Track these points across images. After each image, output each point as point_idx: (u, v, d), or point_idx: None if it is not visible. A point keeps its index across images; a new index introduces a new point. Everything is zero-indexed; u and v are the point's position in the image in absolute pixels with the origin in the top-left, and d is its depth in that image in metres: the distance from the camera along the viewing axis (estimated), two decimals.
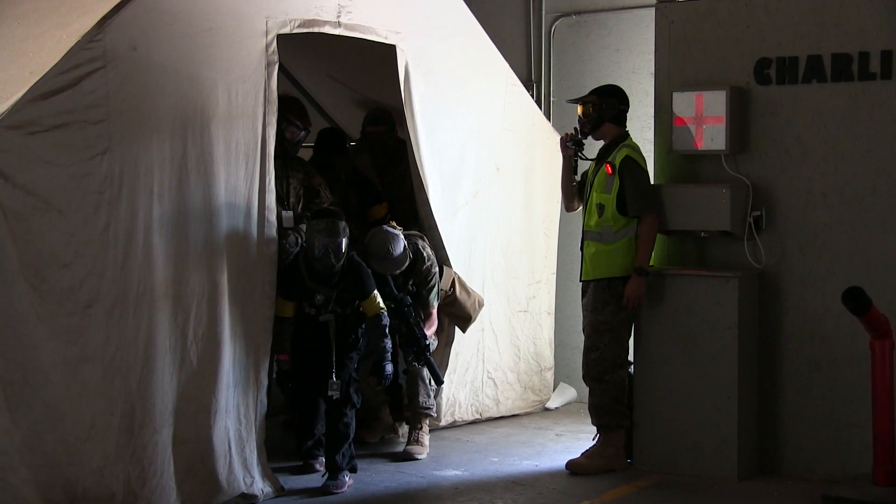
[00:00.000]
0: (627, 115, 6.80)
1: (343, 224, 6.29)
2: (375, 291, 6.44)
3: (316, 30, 6.37)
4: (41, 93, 5.02)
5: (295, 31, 6.20)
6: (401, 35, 6.88)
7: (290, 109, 6.64)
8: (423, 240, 7.12)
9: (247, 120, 5.89)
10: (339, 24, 6.51)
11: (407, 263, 6.86)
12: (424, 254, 7.01)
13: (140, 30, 5.40)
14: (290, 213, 6.69)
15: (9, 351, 4.96)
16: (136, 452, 5.40)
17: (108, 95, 5.22)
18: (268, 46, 6.00)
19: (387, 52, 6.93)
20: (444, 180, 7.33)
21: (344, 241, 6.26)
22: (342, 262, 6.30)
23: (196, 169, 5.65)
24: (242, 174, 5.90)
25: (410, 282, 6.99)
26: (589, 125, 6.74)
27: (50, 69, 5.10)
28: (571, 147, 6.84)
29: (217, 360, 5.78)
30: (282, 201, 6.53)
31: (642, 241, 6.52)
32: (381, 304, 6.45)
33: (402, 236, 6.82)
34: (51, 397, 5.08)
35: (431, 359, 6.95)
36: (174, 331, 5.57)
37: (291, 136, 6.71)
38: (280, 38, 6.08)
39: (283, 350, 6.32)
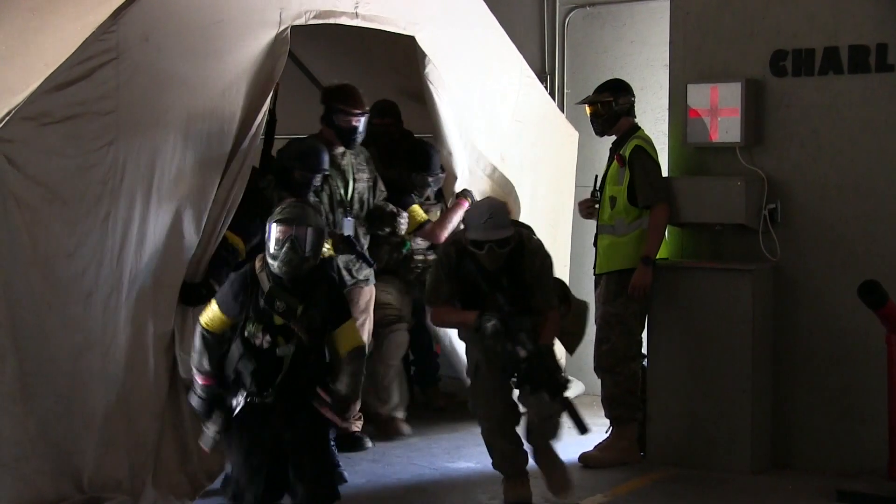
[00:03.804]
0: (642, 107, 6.79)
1: (314, 213, 5.04)
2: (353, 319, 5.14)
3: (332, 21, 6.31)
4: (55, 84, 5.04)
5: (310, 22, 6.16)
6: (419, 26, 6.85)
7: (336, 97, 6.52)
8: (530, 230, 5.97)
9: (251, 113, 5.86)
10: (356, 15, 6.44)
11: (510, 240, 5.49)
12: (533, 243, 5.76)
13: (154, 20, 5.39)
14: (351, 220, 6.58)
15: (24, 341, 4.99)
16: (137, 438, 5.43)
17: (118, 86, 5.22)
18: (279, 37, 5.97)
19: (394, 44, 6.90)
20: (458, 171, 7.31)
21: (313, 231, 4.91)
22: (310, 262, 4.92)
23: (200, 161, 5.62)
24: (244, 166, 5.86)
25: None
26: (608, 123, 6.73)
27: (64, 61, 5.12)
28: (594, 207, 6.81)
29: None
30: (343, 206, 6.38)
31: (652, 232, 6.50)
32: (362, 337, 5.19)
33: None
34: (60, 386, 5.14)
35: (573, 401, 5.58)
36: (166, 318, 5.54)
37: (345, 124, 6.53)
38: (293, 28, 6.06)
39: (207, 372, 4.92)
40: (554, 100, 8.55)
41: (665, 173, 6.76)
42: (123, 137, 5.27)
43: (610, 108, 6.68)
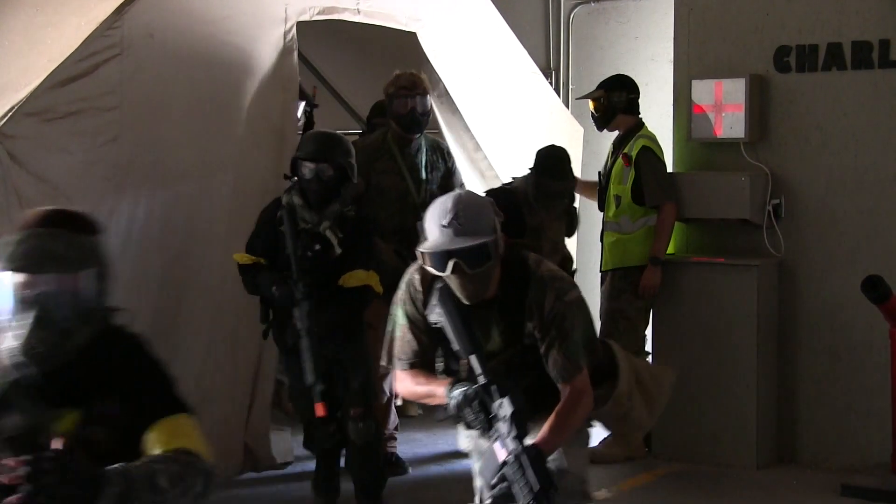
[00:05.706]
0: (647, 102, 6.78)
1: (74, 239, 2.63)
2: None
3: (335, 17, 6.33)
4: (59, 80, 5.06)
5: (314, 18, 6.17)
6: (421, 22, 6.86)
7: (390, 83, 6.20)
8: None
9: (262, 108, 5.87)
10: (358, 12, 6.46)
11: (487, 251, 3.42)
12: (544, 269, 3.67)
13: (158, 17, 5.42)
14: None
15: None
16: None
17: (121, 82, 5.24)
18: (286, 34, 5.98)
19: (400, 41, 6.91)
20: (466, 167, 7.31)
21: (94, 274, 2.67)
22: (80, 335, 2.65)
23: (203, 157, 5.63)
24: (254, 163, 5.85)
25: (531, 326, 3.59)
26: (602, 120, 6.75)
27: (68, 57, 5.14)
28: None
29: (197, 346, 5.71)
30: (415, 208, 6.01)
31: (659, 231, 6.50)
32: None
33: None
34: None
35: None
36: (161, 316, 5.52)
37: (401, 109, 6.12)
38: (300, 25, 6.07)
39: None
40: (559, 95, 8.55)
41: (669, 169, 6.76)
42: (127, 134, 5.28)
43: (604, 104, 6.68)
